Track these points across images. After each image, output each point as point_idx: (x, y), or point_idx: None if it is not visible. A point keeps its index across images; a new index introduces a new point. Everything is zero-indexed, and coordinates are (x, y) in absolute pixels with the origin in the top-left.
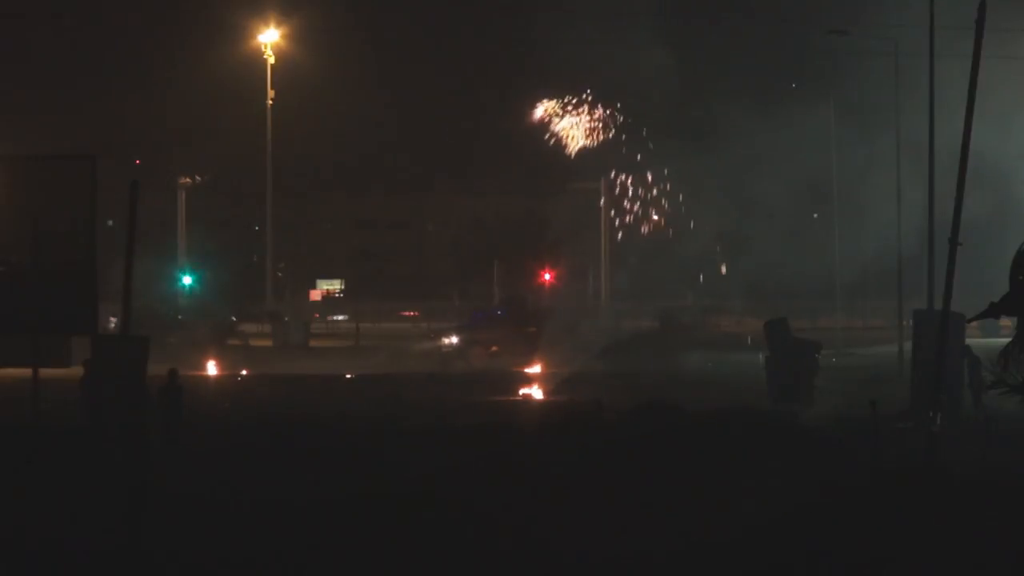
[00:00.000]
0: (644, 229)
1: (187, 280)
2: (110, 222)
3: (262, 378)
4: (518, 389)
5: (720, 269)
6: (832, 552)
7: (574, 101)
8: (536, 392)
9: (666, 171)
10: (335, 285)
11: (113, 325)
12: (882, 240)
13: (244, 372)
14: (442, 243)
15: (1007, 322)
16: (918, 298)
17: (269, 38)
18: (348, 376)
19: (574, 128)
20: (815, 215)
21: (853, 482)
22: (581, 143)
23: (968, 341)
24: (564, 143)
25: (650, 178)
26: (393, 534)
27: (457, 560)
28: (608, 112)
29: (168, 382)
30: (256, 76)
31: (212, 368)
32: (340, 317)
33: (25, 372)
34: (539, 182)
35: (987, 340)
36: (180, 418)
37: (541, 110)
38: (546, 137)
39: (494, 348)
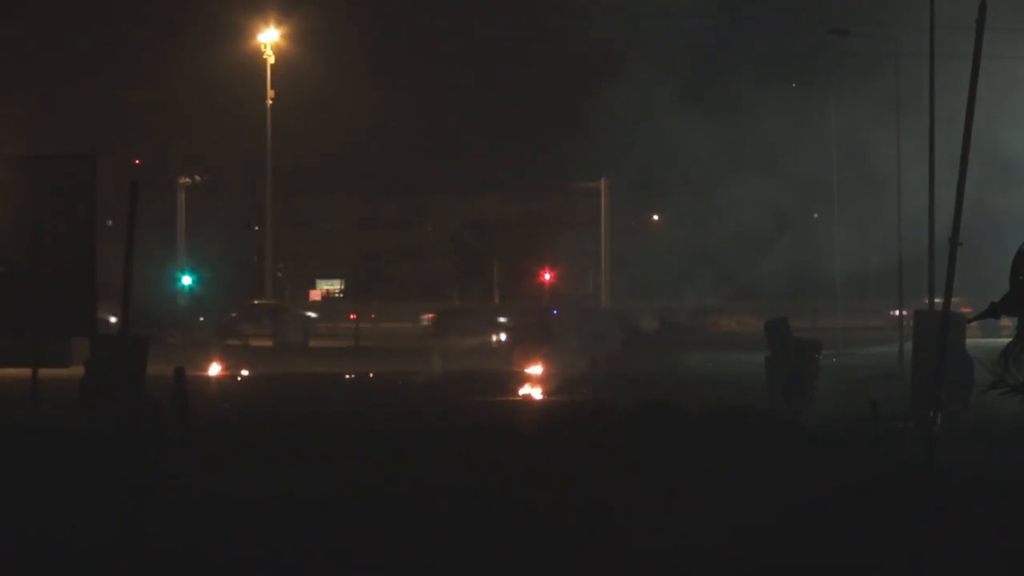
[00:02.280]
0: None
1: (187, 280)
2: (110, 222)
3: (263, 378)
4: (515, 389)
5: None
6: (831, 552)
7: None
8: (536, 392)
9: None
10: (335, 285)
11: (113, 321)
12: (894, 240)
13: (244, 372)
14: (442, 243)
15: (1007, 322)
16: (918, 298)
17: (269, 38)
18: (348, 376)
19: None
20: (815, 215)
21: (853, 482)
22: None
23: (968, 341)
24: None
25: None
26: (395, 534)
27: (459, 560)
28: None
29: (174, 382)
30: (256, 76)
31: (212, 368)
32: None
33: (25, 372)
34: (539, 182)
35: (987, 340)
36: (186, 419)
37: None
38: None
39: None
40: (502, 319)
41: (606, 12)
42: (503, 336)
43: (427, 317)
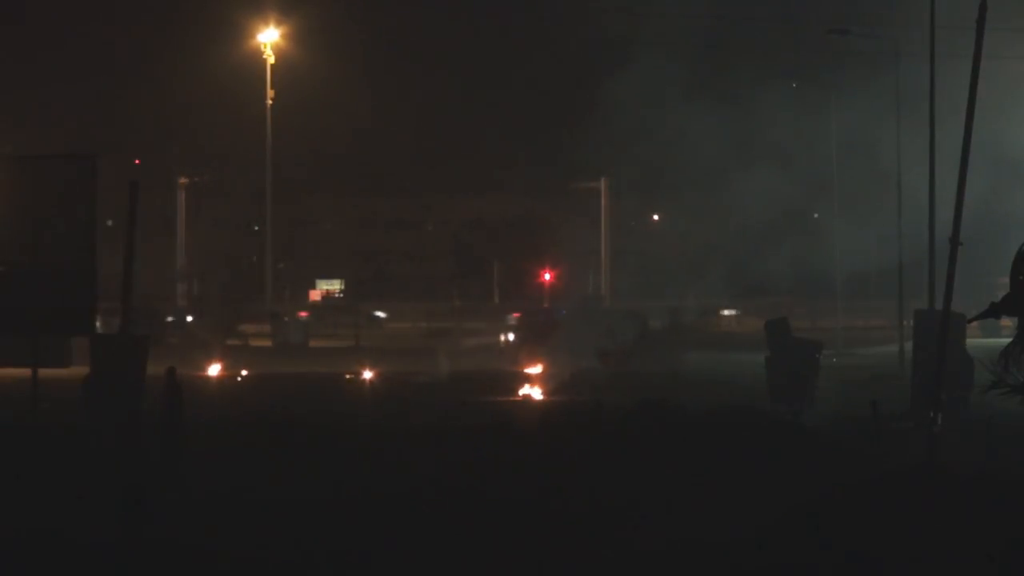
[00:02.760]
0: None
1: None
2: (110, 222)
3: (263, 378)
4: (518, 389)
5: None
6: (832, 552)
7: None
8: (536, 392)
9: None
10: (335, 285)
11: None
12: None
13: (244, 372)
14: (442, 243)
15: (1008, 322)
16: (919, 298)
17: (269, 38)
18: (348, 376)
19: None
20: (816, 215)
21: (853, 482)
22: None
23: (968, 341)
24: None
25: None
26: (395, 534)
27: (460, 560)
28: None
29: (167, 382)
30: (256, 76)
31: (212, 368)
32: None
33: (25, 372)
34: (539, 182)
35: (987, 340)
36: (179, 418)
37: None
38: None
39: None
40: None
41: (606, 13)
42: (510, 336)
43: (513, 316)
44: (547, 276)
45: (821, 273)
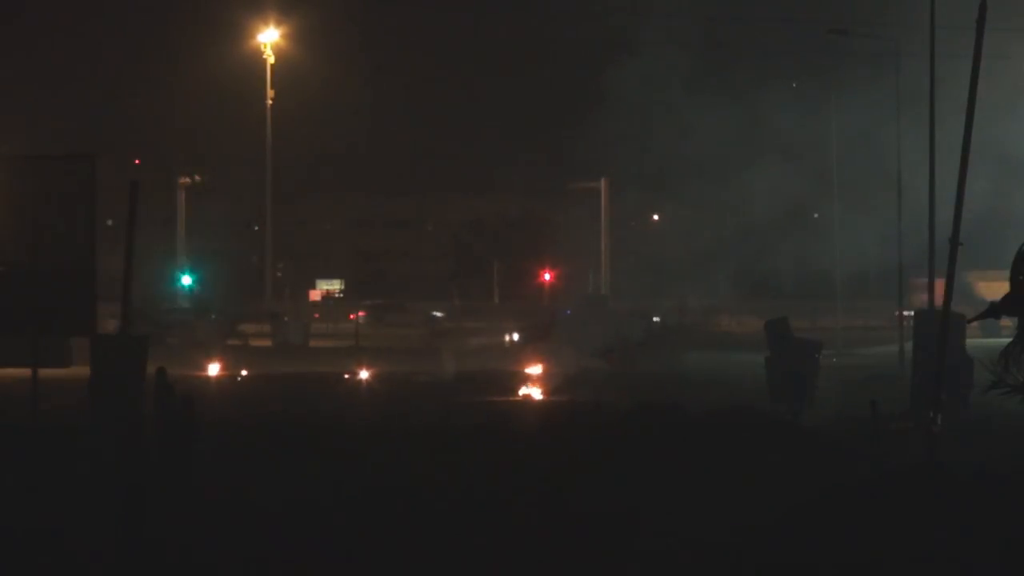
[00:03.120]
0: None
1: (186, 280)
2: (110, 222)
3: (263, 378)
4: (518, 389)
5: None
6: (832, 551)
7: None
8: (536, 392)
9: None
10: (335, 285)
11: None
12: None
13: (244, 372)
14: (442, 243)
15: (1007, 322)
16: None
17: (269, 38)
18: (347, 376)
19: None
20: (815, 215)
21: (853, 482)
22: None
23: (968, 341)
24: None
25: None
26: (394, 534)
27: (459, 560)
28: None
29: (157, 382)
30: (256, 76)
31: (212, 368)
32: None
33: (25, 372)
34: (539, 182)
35: (987, 340)
36: (177, 418)
37: None
38: None
39: None
40: (656, 318)
41: (607, 12)
42: (515, 336)
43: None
44: (547, 276)
45: (821, 273)
